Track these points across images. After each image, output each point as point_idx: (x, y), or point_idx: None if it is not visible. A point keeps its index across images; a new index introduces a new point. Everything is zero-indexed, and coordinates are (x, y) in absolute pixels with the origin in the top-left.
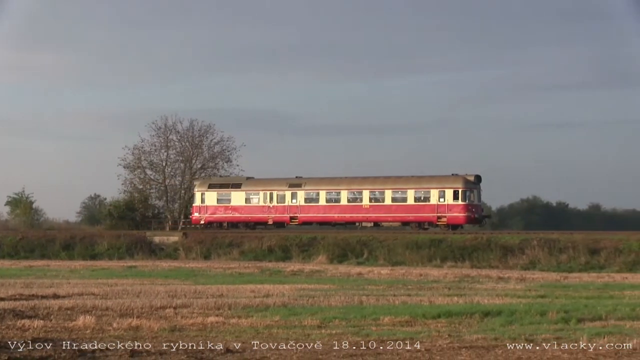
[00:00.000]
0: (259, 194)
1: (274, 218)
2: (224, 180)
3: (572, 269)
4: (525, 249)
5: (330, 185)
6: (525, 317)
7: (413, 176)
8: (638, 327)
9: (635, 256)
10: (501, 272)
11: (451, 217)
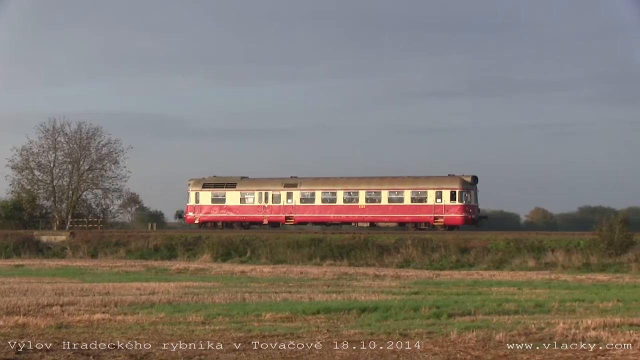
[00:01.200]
0: (254, 194)
1: (269, 218)
2: (218, 179)
3: (444, 267)
4: (400, 248)
5: (326, 186)
6: (399, 313)
7: (409, 176)
8: (504, 321)
9: (502, 255)
10: (377, 270)
11: (448, 217)
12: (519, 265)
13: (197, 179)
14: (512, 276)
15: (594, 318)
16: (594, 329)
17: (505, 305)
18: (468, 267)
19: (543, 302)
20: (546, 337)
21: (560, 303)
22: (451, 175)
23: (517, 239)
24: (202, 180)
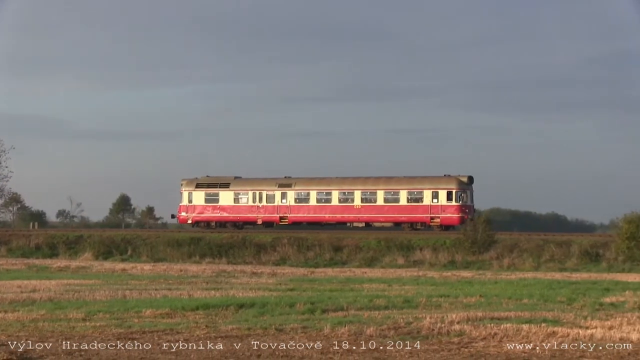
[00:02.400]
0: (247, 194)
1: (263, 218)
2: (211, 179)
3: (318, 265)
4: (276, 246)
5: (321, 185)
6: (275, 309)
7: (405, 177)
8: (375, 316)
9: (373, 253)
10: (255, 267)
11: (445, 217)
12: (389, 263)
13: (190, 179)
14: (383, 273)
15: (458, 312)
16: (458, 323)
17: (376, 301)
18: (341, 264)
19: (411, 297)
20: (414, 330)
21: (427, 298)
22: (447, 176)
23: (387, 238)
24: (195, 180)
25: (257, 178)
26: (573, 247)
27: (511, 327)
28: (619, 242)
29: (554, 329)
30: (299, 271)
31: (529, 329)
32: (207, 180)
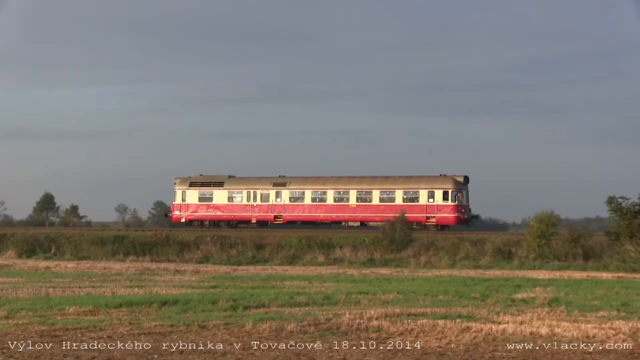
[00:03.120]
0: (242, 193)
1: (257, 217)
2: (205, 178)
3: (241, 262)
4: (200, 244)
5: (316, 185)
6: (198, 306)
7: (401, 176)
8: (296, 313)
9: (294, 251)
10: (178, 265)
11: (441, 217)
12: (310, 260)
13: (184, 178)
14: (304, 271)
15: (376, 309)
16: (377, 319)
17: (297, 298)
18: (263, 262)
19: (331, 294)
20: (334, 326)
21: (346, 295)
22: (443, 176)
23: (308, 236)
24: (188, 178)
25: (252, 177)
26: (487, 246)
27: (427, 322)
28: (530, 240)
29: (468, 324)
30: (221, 269)
31: (444, 325)
32: (200, 179)
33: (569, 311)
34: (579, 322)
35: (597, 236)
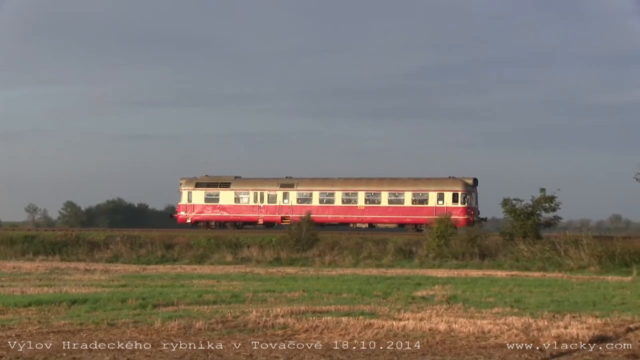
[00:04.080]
0: (248, 194)
1: (264, 218)
2: (211, 179)
3: (150, 262)
4: (110, 244)
5: (324, 186)
6: (108, 304)
7: (410, 178)
8: (204, 311)
9: (203, 250)
10: (88, 264)
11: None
12: (218, 259)
13: (189, 178)
14: (212, 270)
15: (282, 307)
16: (282, 316)
17: (205, 296)
18: (172, 261)
19: (239, 293)
20: (241, 324)
21: (254, 293)
22: (452, 178)
23: (217, 236)
24: (194, 179)
25: (259, 178)
26: (389, 245)
27: (331, 320)
28: (430, 240)
29: (370, 321)
30: (131, 268)
31: (347, 322)
32: (206, 179)
33: (466, 308)
34: (475, 318)
35: (493, 236)
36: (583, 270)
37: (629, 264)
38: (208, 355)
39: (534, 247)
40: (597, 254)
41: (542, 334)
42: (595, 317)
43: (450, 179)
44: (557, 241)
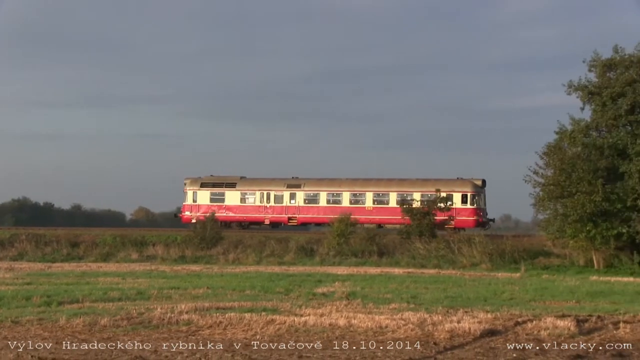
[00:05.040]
0: (255, 194)
1: (270, 218)
2: (217, 179)
3: (56, 260)
4: (14, 242)
5: (331, 187)
6: (12, 302)
7: (418, 179)
8: (109, 308)
9: (109, 248)
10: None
11: (459, 220)
12: (124, 257)
13: (194, 178)
14: (118, 267)
15: (187, 303)
16: (187, 313)
17: (111, 294)
18: (78, 259)
19: (144, 290)
20: (145, 320)
21: (158, 291)
22: (461, 179)
23: (122, 234)
24: (199, 179)
25: (265, 178)
26: (291, 243)
27: (235, 316)
28: (331, 238)
29: (272, 317)
30: (36, 266)
31: (250, 318)
32: (212, 179)
33: (364, 304)
34: (373, 313)
35: (391, 235)
36: (475, 268)
37: (518, 261)
38: (113, 352)
39: (429, 245)
40: (489, 252)
41: (436, 328)
42: (486, 312)
43: (459, 180)
44: (451, 240)
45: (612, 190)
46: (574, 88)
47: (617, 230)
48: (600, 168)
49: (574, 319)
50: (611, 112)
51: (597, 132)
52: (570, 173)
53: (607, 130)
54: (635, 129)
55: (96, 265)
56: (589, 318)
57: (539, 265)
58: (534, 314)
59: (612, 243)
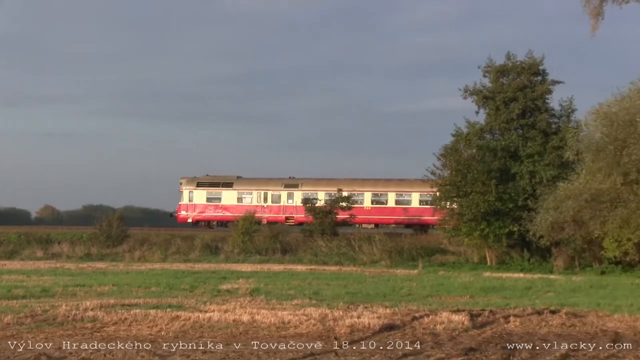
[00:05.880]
0: (252, 194)
1: (268, 218)
2: (213, 179)
3: None
4: None
5: (329, 187)
6: None
7: (417, 179)
8: (13, 305)
9: (13, 246)
10: None
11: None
12: (29, 255)
13: (190, 178)
14: (22, 265)
15: (92, 300)
16: (92, 310)
17: (15, 291)
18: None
19: (49, 287)
20: (50, 318)
21: (64, 288)
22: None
23: (27, 232)
24: (195, 179)
25: (262, 178)
26: (196, 241)
27: (140, 312)
28: (235, 236)
29: (177, 313)
30: None
31: (155, 314)
32: (208, 179)
33: (268, 300)
34: (276, 309)
35: (294, 233)
36: (375, 265)
37: (416, 259)
38: (15, 350)
39: (331, 243)
40: (388, 250)
41: (337, 323)
42: (385, 307)
43: None
44: (352, 238)
45: (505, 191)
46: (469, 92)
47: (508, 229)
48: (493, 169)
49: (468, 313)
50: (504, 116)
51: (490, 134)
52: (465, 174)
53: (500, 133)
54: (526, 132)
55: (0, 263)
56: (481, 312)
57: (435, 262)
58: (430, 309)
59: (504, 241)
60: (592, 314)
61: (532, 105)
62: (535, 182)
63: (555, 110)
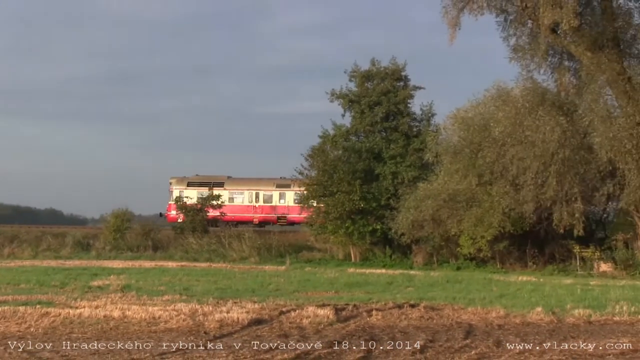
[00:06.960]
0: (243, 194)
1: (260, 218)
2: (203, 178)
3: None
4: None
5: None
6: None
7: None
8: None
9: None
10: None
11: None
12: None
13: (180, 178)
14: None
15: None
16: None
17: None
18: None
19: None
20: None
21: None
22: None
23: None
24: (185, 178)
25: (253, 178)
26: (68, 238)
27: (9, 309)
28: (107, 233)
29: (47, 309)
30: None
31: (24, 311)
32: (198, 179)
33: (139, 296)
34: (147, 305)
35: (165, 230)
36: (245, 261)
37: (284, 255)
38: None
39: (202, 240)
40: (257, 247)
41: (207, 318)
42: (254, 303)
43: None
44: (222, 235)
45: (369, 190)
46: (336, 96)
47: (372, 227)
48: (358, 170)
49: (333, 307)
50: (368, 119)
51: (356, 136)
52: (332, 174)
53: (365, 136)
54: (389, 135)
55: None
56: (346, 307)
57: (302, 258)
58: (297, 304)
59: (367, 238)
60: (448, 307)
61: (395, 109)
62: (397, 183)
63: (416, 114)
